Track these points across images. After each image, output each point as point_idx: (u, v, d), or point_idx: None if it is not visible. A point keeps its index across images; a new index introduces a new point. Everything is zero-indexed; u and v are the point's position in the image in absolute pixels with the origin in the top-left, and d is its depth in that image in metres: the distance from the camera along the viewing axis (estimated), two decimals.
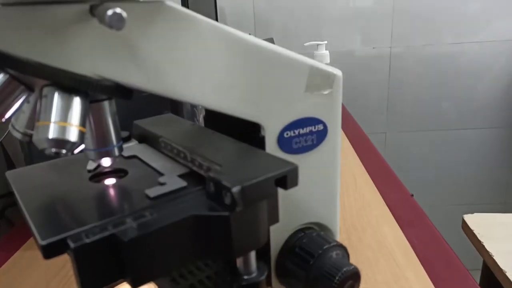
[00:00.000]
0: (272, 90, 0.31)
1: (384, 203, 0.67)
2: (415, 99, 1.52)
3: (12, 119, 0.28)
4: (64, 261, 0.55)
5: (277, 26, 1.45)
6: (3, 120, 0.24)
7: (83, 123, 0.24)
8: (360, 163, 0.86)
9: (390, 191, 0.71)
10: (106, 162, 0.29)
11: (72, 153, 0.24)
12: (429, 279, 0.47)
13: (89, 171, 0.31)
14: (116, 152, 0.29)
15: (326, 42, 0.92)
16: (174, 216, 0.23)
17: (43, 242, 0.21)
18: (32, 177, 0.31)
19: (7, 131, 0.59)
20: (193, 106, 0.55)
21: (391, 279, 0.47)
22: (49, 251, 0.21)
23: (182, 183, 0.27)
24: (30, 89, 0.25)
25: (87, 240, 0.21)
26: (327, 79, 0.34)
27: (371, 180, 0.76)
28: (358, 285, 0.35)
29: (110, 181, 0.30)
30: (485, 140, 1.56)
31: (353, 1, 1.42)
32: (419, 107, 1.53)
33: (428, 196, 1.58)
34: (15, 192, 0.28)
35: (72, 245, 0.21)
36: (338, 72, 0.34)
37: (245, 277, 0.28)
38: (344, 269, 0.33)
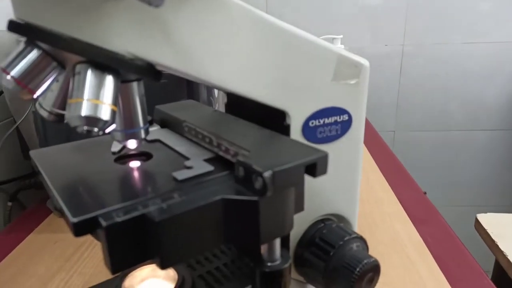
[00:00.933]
0: (299, 77, 0.31)
1: (397, 200, 0.66)
2: (425, 98, 1.50)
3: (40, 98, 0.28)
4: (78, 244, 0.55)
5: (288, 22, 1.44)
6: (35, 96, 0.24)
7: (115, 102, 0.23)
8: (372, 160, 0.85)
9: (403, 188, 0.71)
10: (132, 144, 0.29)
11: (104, 132, 0.24)
12: (443, 276, 0.47)
13: (113, 153, 0.31)
14: (143, 134, 0.28)
15: (341, 36, 0.91)
16: (203, 199, 0.23)
17: (75, 220, 0.21)
18: (57, 157, 0.31)
19: (25, 115, 0.59)
20: (210, 95, 0.54)
21: (404, 275, 0.47)
22: (80, 229, 0.21)
23: (209, 167, 0.27)
24: (62, 66, 0.24)
25: (119, 219, 0.21)
26: (354, 69, 0.33)
27: (383, 177, 0.76)
28: (378, 278, 0.34)
29: (136, 163, 0.30)
30: (493, 142, 1.54)
31: None
32: (429, 106, 1.51)
33: (434, 197, 1.57)
34: (41, 171, 0.27)
35: (104, 223, 0.21)
36: (365, 62, 0.34)
37: (269, 264, 0.28)
38: (365, 261, 0.33)
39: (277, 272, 0.28)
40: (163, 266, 0.22)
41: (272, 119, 0.32)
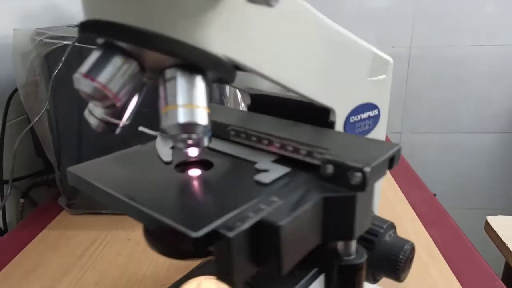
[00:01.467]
0: (344, 74, 0.32)
1: (406, 200, 0.67)
2: (431, 100, 1.45)
3: (90, 104, 0.25)
4: (91, 241, 0.55)
5: None
6: (118, 104, 0.22)
7: (208, 104, 0.22)
8: None
9: (412, 189, 0.71)
10: (193, 152, 0.27)
11: (201, 139, 0.22)
12: (454, 277, 0.47)
13: (166, 162, 0.29)
14: (206, 142, 0.27)
15: None
16: (305, 199, 0.23)
17: (197, 234, 0.19)
18: (107, 172, 0.28)
19: (40, 114, 0.54)
20: (222, 95, 0.53)
21: (415, 275, 0.45)
22: (200, 243, 0.20)
23: (286, 168, 0.27)
24: (143, 70, 0.22)
25: (241, 228, 0.20)
26: (384, 65, 0.35)
27: (392, 178, 0.76)
28: (413, 258, 0.36)
29: (201, 171, 0.28)
30: (500, 145, 1.50)
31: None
32: (435, 108, 1.46)
33: (441, 198, 1.45)
34: (104, 189, 0.25)
35: (230, 234, 0.19)
36: (390, 59, 0.36)
37: (345, 258, 0.28)
38: (406, 246, 0.35)
39: (355, 266, 0.28)
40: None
41: (302, 117, 0.33)
